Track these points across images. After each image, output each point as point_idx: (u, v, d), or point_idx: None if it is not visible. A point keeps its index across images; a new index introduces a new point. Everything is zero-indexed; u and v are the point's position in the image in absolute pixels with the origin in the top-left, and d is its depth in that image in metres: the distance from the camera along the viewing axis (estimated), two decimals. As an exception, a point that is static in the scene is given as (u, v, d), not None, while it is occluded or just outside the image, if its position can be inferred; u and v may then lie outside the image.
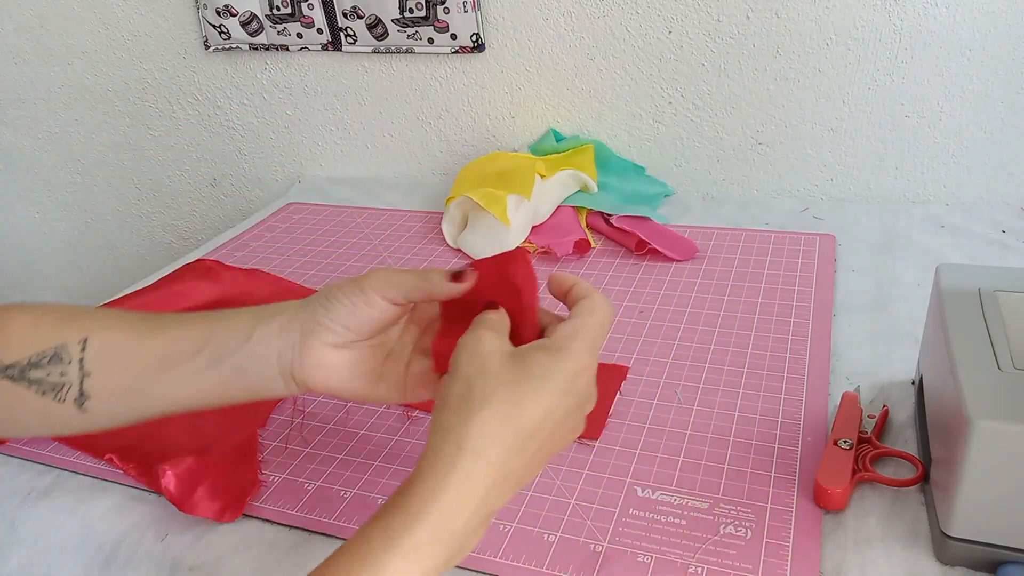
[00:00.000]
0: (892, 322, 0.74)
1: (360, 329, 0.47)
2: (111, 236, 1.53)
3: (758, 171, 1.07)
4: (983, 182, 0.99)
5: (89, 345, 0.47)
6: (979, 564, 0.47)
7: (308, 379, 0.47)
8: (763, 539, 0.51)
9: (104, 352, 0.47)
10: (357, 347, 0.47)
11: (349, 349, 0.47)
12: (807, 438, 0.59)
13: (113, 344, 0.47)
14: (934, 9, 0.91)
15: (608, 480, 0.57)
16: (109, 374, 0.47)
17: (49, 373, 0.47)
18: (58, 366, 0.47)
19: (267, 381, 0.47)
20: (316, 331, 0.46)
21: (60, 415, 0.47)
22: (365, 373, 0.48)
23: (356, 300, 0.46)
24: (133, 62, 1.32)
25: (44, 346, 0.47)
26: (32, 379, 0.47)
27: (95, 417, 0.47)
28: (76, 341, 0.47)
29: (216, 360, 0.46)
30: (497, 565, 0.51)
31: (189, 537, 0.56)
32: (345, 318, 0.46)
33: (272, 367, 0.46)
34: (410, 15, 1.10)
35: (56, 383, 0.47)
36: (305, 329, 0.46)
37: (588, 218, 0.98)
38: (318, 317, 0.46)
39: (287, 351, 0.46)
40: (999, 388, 0.45)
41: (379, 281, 0.46)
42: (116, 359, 0.47)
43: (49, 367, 0.47)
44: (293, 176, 1.33)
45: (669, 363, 0.70)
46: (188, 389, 0.47)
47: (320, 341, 0.46)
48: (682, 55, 1.03)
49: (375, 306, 0.46)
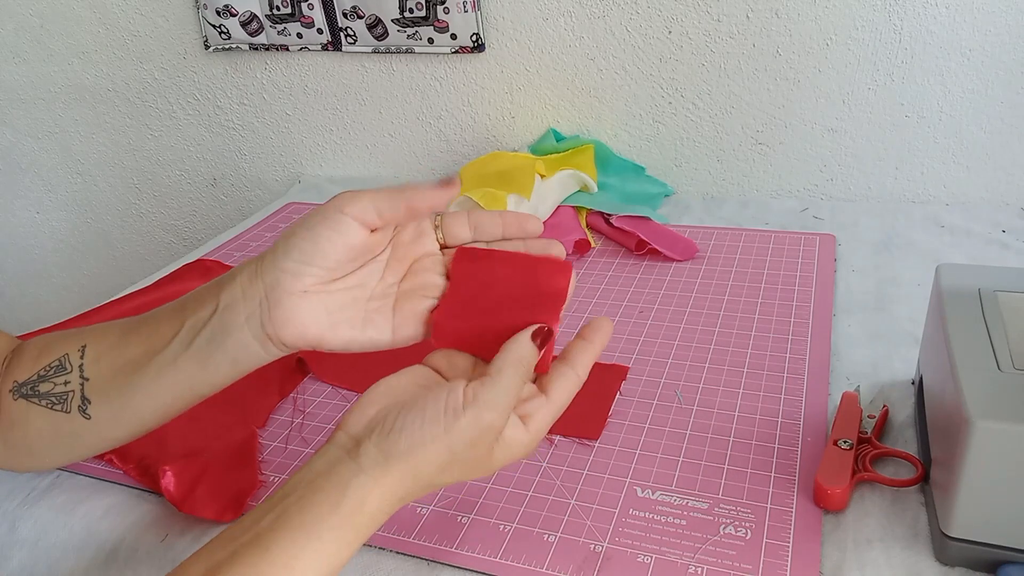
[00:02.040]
0: (892, 322, 0.74)
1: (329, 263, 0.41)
2: (111, 236, 1.53)
3: (758, 171, 1.07)
4: (983, 182, 0.99)
5: (87, 351, 0.47)
6: (979, 564, 0.47)
7: (285, 336, 0.42)
8: (763, 539, 0.51)
9: (99, 356, 0.47)
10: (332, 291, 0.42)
11: (323, 294, 0.42)
12: (807, 438, 0.59)
13: (105, 347, 0.47)
14: (934, 9, 0.91)
15: (608, 480, 0.57)
16: (104, 377, 0.47)
17: (55, 384, 0.47)
18: (62, 375, 0.47)
19: (244, 349, 0.43)
20: (280, 280, 0.41)
21: (69, 427, 0.47)
22: (347, 319, 0.43)
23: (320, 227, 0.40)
24: (133, 62, 1.32)
25: (49, 360, 0.48)
26: (42, 393, 0.47)
27: (100, 424, 0.47)
28: (76, 349, 0.47)
29: (190, 340, 0.43)
30: (497, 565, 0.51)
31: (189, 537, 0.56)
32: (309, 253, 0.40)
33: (243, 332, 0.42)
34: (410, 15, 1.10)
35: (61, 393, 0.47)
36: (267, 281, 0.41)
37: (588, 218, 0.98)
38: (279, 263, 0.41)
39: (254, 311, 0.42)
40: (999, 388, 0.45)
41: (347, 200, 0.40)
42: (108, 361, 0.47)
43: (55, 378, 0.47)
44: (293, 176, 1.33)
45: (669, 363, 0.70)
46: (172, 376, 0.44)
47: (286, 290, 0.41)
48: (682, 55, 1.03)
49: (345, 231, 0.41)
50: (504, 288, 0.43)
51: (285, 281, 0.41)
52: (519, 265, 0.43)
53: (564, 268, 0.43)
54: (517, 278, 0.43)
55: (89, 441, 0.48)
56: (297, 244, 0.41)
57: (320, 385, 0.71)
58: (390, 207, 0.41)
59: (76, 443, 0.49)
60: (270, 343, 0.43)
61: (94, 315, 0.83)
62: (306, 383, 0.72)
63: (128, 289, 0.92)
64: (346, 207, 0.40)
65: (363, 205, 0.40)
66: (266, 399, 0.69)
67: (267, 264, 0.42)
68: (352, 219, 0.41)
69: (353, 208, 0.40)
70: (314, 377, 0.72)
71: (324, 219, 0.41)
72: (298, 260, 0.41)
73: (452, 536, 0.53)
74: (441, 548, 0.52)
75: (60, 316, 0.92)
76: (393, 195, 0.41)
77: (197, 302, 0.45)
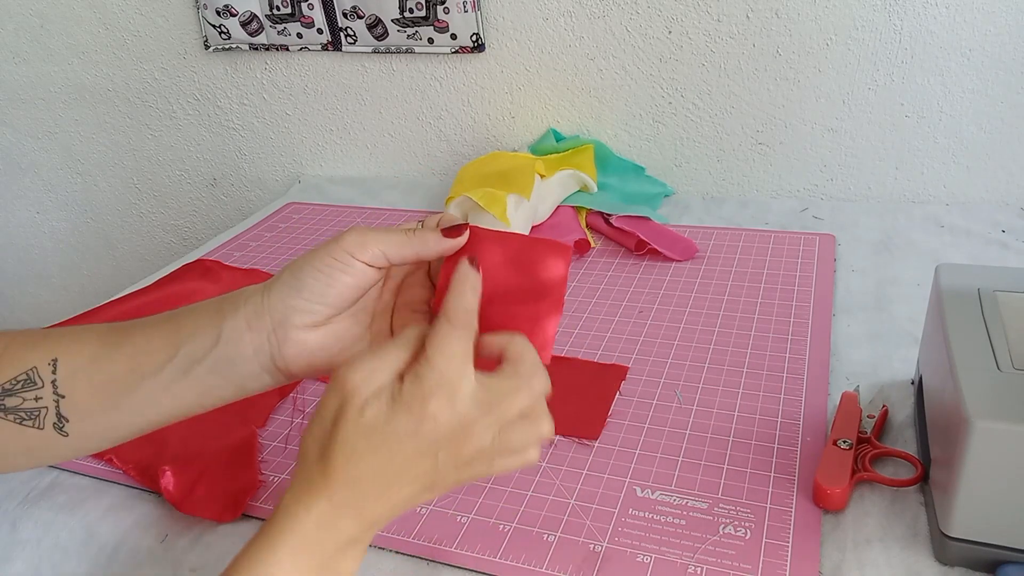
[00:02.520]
0: (892, 322, 0.74)
1: (338, 302, 0.42)
2: (111, 236, 1.53)
3: (758, 171, 1.07)
4: (983, 182, 0.99)
5: (60, 366, 0.44)
6: (978, 564, 0.47)
7: (292, 367, 0.43)
8: (762, 539, 0.51)
9: (75, 371, 0.44)
10: (338, 320, 0.43)
11: (330, 325, 0.43)
12: (806, 438, 0.59)
13: (82, 362, 0.44)
14: (934, 9, 0.91)
15: (607, 480, 0.57)
16: (83, 394, 0.44)
17: (24, 400, 0.43)
18: (32, 390, 0.43)
19: (250, 378, 0.43)
20: (289, 316, 0.42)
21: (43, 443, 0.44)
22: (352, 343, 0.44)
23: (331, 269, 0.41)
24: (133, 62, 1.32)
25: (15, 372, 0.44)
26: (8, 407, 0.44)
27: (79, 441, 0.44)
28: (46, 363, 0.44)
29: (187, 368, 0.43)
30: (497, 565, 0.51)
31: (189, 537, 0.56)
32: (320, 293, 0.41)
33: (251, 364, 0.43)
34: (410, 15, 1.10)
35: (32, 409, 0.44)
36: (276, 317, 0.42)
37: (588, 218, 0.98)
38: (288, 300, 0.42)
39: (263, 345, 0.42)
40: (999, 388, 0.45)
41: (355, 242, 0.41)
42: (87, 377, 0.43)
43: (23, 393, 0.43)
44: (293, 176, 1.33)
45: (669, 363, 0.70)
46: (169, 401, 0.44)
47: (295, 325, 0.42)
48: (682, 55, 1.03)
49: (353, 272, 0.41)
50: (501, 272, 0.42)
51: (295, 318, 0.42)
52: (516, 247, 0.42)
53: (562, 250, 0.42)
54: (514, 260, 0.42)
55: (63, 453, 0.46)
56: (308, 284, 0.42)
57: (320, 385, 0.71)
58: (399, 254, 0.42)
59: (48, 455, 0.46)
60: (280, 374, 0.44)
61: (94, 315, 0.83)
62: (306, 383, 0.72)
63: (128, 289, 0.92)
64: (358, 254, 0.41)
65: (374, 253, 0.41)
66: (266, 399, 0.69)
67: (275, 299, 0.42)
68: (363, 265, 0.42)
69: (364, 256, 0.41)
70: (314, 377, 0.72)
71: (334, 261, 0.41)
72: (308, 299, 0.42)
73: (452, 536, 0.53)
74: (441, 548, 0.52)
75: (60, 316, 0.92)
76: (403, 242, 0.42)
77: (193, 328, 0.43)
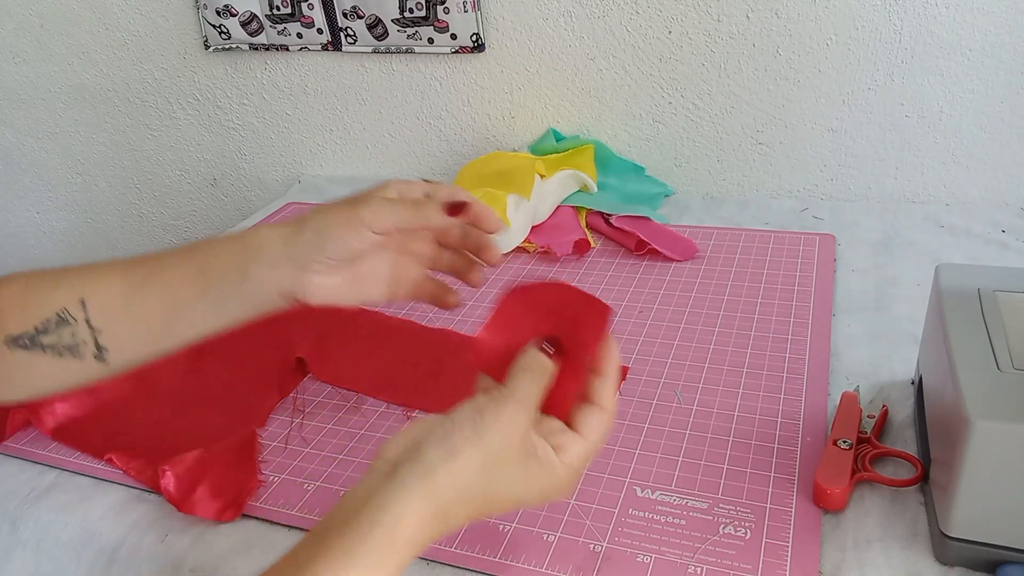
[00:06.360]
0: (892, 322, 0.74)
1: (351, 257, 0.49)
2: (111, 236, 1.53)
3: (758, 171, 1.07)
4: (983, 182, 0.99)
5: (89, 304, 0.48)
6: (978, 564, 0.47)
7: (310, 299, 0.50)
8: (762, 539, 0.51)
9: (106, 308, 0.48)
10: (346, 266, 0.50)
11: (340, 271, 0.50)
12: (806, 438, 0.59)
13: (112, 299, 0.48)
14: (934, 9, 0.91)
15: (608, 480, 0.57)
16: (119, 327, 0.48)
17: (60, 337, 0.47)
18: (66, 328, 0.47)
19: (269, 304, 0.50)
20: (310, 266, 0.48)
21: (81, 370, 0.48)
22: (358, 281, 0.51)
23: (348, 235, 0.48)
24: (133, 62, 1.32)
25: (45, 314, 0.47)
26: (46, 344, 0.47)
27: (116, 365, 0.49)
28: (74, 302, 0.48)
29: (217, 301, 0.49)
30: (497, 565, 0.51)
31: (189, 537, 0.56)
32: (336, 253, 0.48)
33: (272, 296, 0.49)
34: (410, 15, 1.10)
35: (71, 343, 0.48)
36: (298, 262, 0.48)
37: (588, 218, 0.98)
38: (311, 254, 0.48)
39: (285, 282, 0.49)
40: (999, 388, 0.45)
41: (375, 212, 0.48)
42: (120, 313, 0.48)
43: (58, 331, 0.47)
44: (293, 176, 1.33)
45: (669, 363, 0.70)
46: (201, 327, 0.49)
47: (315, 273, 0.49)
48: (682, 55, 1.03)
49: (363, 238, 0.48)
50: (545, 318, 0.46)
51: (315, 267, 0.48)
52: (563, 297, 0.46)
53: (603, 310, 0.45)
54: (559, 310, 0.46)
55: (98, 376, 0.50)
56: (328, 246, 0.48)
57: (320, 385, 0.71)
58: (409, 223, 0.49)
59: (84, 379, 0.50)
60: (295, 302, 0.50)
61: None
62: (306, 383, 0.72)
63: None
64: (375, 225, 0.48)
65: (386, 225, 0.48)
66: (266, 399, 0.69)
67: (297, 252, 0.48)
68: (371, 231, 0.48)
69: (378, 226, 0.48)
70: (314, 377, 0.72)
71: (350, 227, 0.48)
72: (331, 256, 0.48)
73: (452, 536, 0.53)
74: (441, 548, 0.52)
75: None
76: (410, 217, 0.49)
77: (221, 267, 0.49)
